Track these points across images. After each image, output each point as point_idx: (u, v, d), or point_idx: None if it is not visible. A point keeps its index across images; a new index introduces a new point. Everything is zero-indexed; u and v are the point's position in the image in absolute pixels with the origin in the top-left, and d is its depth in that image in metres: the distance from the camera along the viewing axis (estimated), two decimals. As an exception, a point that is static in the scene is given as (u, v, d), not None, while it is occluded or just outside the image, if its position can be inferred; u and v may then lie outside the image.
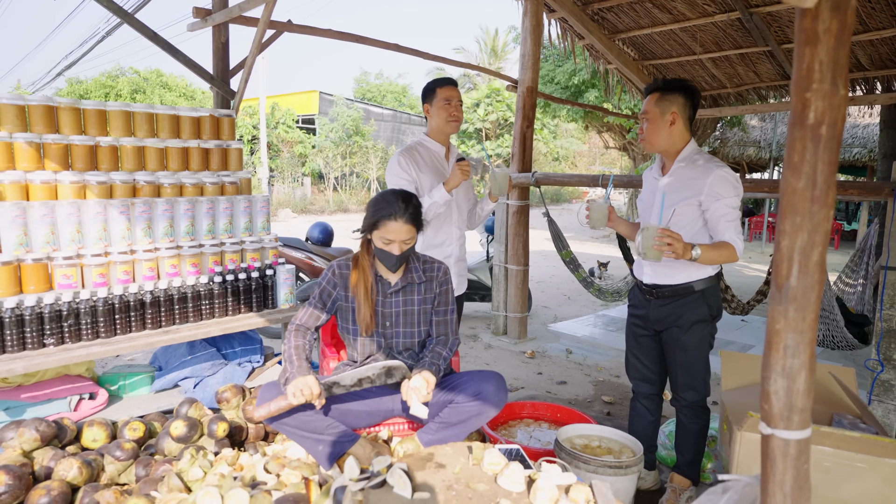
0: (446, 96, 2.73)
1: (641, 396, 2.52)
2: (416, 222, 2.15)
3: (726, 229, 2.13)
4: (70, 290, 2.50)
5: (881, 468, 1.81)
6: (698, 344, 2.27)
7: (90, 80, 20.07)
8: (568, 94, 11.44)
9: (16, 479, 1.90)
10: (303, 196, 20.56)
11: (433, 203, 2.62)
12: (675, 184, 2.25)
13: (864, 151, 12.23)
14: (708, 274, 2.25)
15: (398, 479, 1.69)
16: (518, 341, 4.98)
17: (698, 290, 2.24)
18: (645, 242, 2.04)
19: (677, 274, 2.25)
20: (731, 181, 2.16)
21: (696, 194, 2.18)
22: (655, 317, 2.33)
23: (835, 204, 1.35)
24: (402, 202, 2.12)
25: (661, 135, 2.25)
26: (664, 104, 2.23)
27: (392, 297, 2.27)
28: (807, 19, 1.02)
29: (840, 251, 12.56)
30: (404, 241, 2.13)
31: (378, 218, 2.11)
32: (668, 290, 2.28)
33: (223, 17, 3.11)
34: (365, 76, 33.70)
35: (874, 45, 4.94)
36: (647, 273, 2.34)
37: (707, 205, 2.16)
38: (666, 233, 1.99)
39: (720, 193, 2.14)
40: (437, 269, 2.34)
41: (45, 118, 2.61)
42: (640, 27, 5.53)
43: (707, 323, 2.28)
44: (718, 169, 2.16)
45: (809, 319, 1.11)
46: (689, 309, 2.25)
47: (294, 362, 2.07)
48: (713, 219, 2.17)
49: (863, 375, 3.27)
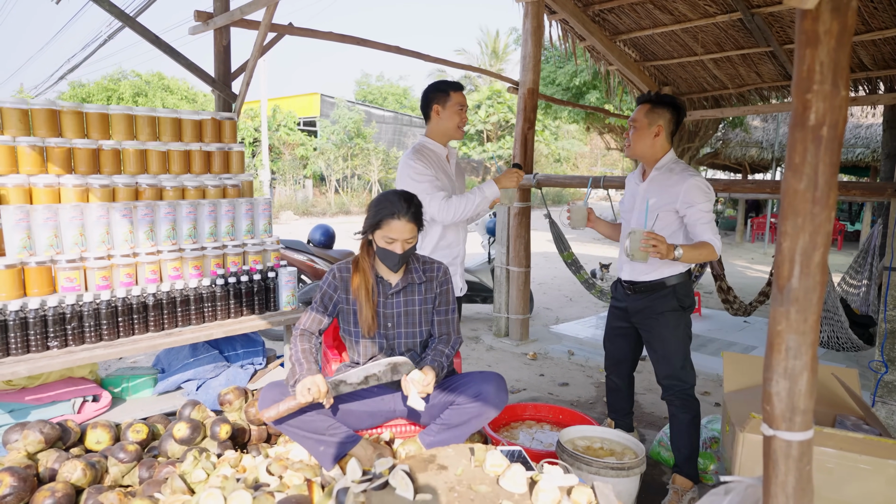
0: (461, 102, 2.71)
1: (613, 374, 2.80)
2: (417, 222, 2.16)
3: (704, 231, 2.33)
4: (73, 293, 2.50)
5: (885, 470, 1.80)
6: (673, 333, 2.47)
7: (92, 84, 20.12)
8: (569, 95, 11.44)
9: (20, 481, 1.91)
10: (304, 198, 20.59)
11: (483, 199, 2.63)
12: (653, 190, 2.47)
13: (867, 152, 12.20)
14: (679, 271, 2.47)
15: (400, 480, 1.69)
16: (520, 343, 4.98)
17: (670, 285, 2.47)
18: (633, 245, 2.22)
19: (653, 271, 2.48)
20: (703, 189, 2.36)
21: (673, 201, 2.39)
22: (633, 309, 2.57)
23: (837, 205, 1.35)
24: (405, 201, 2.13)
25: (645, 144, 2.47)
26: (653, 116, 2.44)
27: (393, 297, 2.27)
28: (807, 21, 1.02)
29: (843, 252, 12.53)
30: (406, 241, 2.14)
31: (381, 217, 2.12)
32: (644, 285, 2.51)
33: (225, 21, 3.12)
34: (366, 78, 33.76)
35: (877, 45, 4.93)
36: (625, 271, 2.58)
37: (683, 210, 2.38)
38: (651, 236, 2.17)
39: (694, 200, 2.34)
40: (437, 269, 2.34)
41: (48, 122, 2.62)
42: (641, 28, 5.53)
43: (678, 313, 2.48)
44: (692, 178, 2.37)
45: (811, 321, 1.11)
46: (661, 302, 2.48)
47: (303, 364, 2.08)
48: (691, 223, 2.37)
49: (866, 377, 3.26)
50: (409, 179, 2.62)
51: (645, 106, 2.46)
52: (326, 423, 2.12)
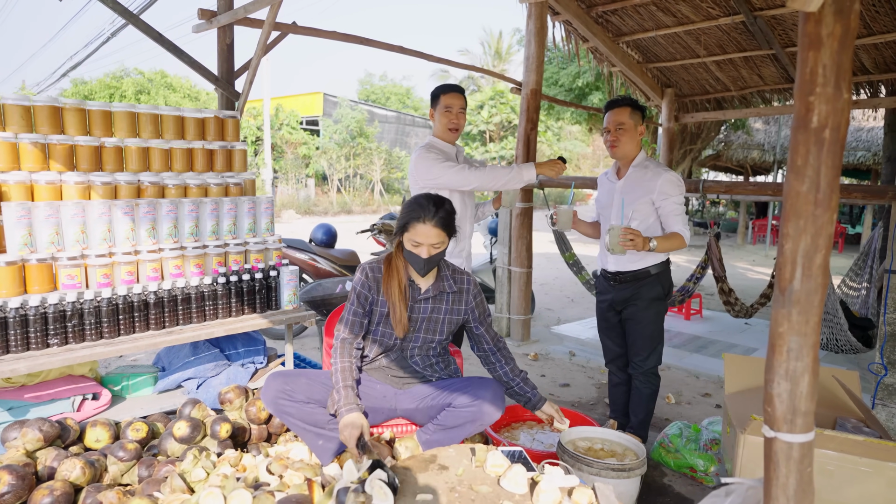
0: (447, 104, 2.79)
1: (611, 365, 2.97)
2: (446, 227, 2.11)
3: (675, 222, 2.60)
4: (74, 291, 2.50)
5: (885, 472, 1.80)
6: (655, 318, 2.72)
7: (95, 81, 20.14)
8: (572, 96, 11.43)
9: (19, 479, 1.90)
10: (306, 197, 20.60)
11: (517, 177, 2.74)
12: (630, 185, 2.69)
13: (868, 155, 12.19)
14: (660, 260, 2.71)
15: (378, 490, 1.64)
16: (521, 343, 4.98)
17: (654, 273, 2.70)
18: (612, 240, 2.47)
19: (638, 261, 2.69)
20: (676, 183, 2.62)
21: (649, 193, 2.62)
22: (619, 298, 2.77)
23: (838, 207, 1.35)
24: (434, 206, 2.10)
25: (633, 143, 2.69)
26: (636, 117, 2.67)
27: (421, 302, 2.25)
28: (810, 23, 1.02)
29: (844, 254, 12.52)
30: (433, 245, 2.10)
31: (408, 220, 2.10)
32: (630, 275, 2.72)
33: (228, 19, 3.12)
34: (369, 78, 33.81)
35: (878, 49, 4.93)
36: (611, 262, 2.77)
37: (658, 203, 2.62)
38: (628, 231, 2.42)
39: (668, 193, 2.60)
40: (468, 282, 2.33)
41: (51, 119, 2.62)
42: (644, 30, 5.53)
43: (661, 300, 2.73)
44: (666, 173, 2.62)
45: (813, 323, 1.11)
46: (647, 289, 2.70)
47: (341, 392, 2.07)
48: (664, 214, 2.62)
49: (866, 379, 3.26)
50: (426, 169, 2.71)
51: (627, 108, 2.66)
52: (327, 416, 2.12)
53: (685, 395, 3.86)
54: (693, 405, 3.68)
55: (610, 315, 2.86)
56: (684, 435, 2.79)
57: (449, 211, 2.14)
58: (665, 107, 6.59)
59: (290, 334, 3.07)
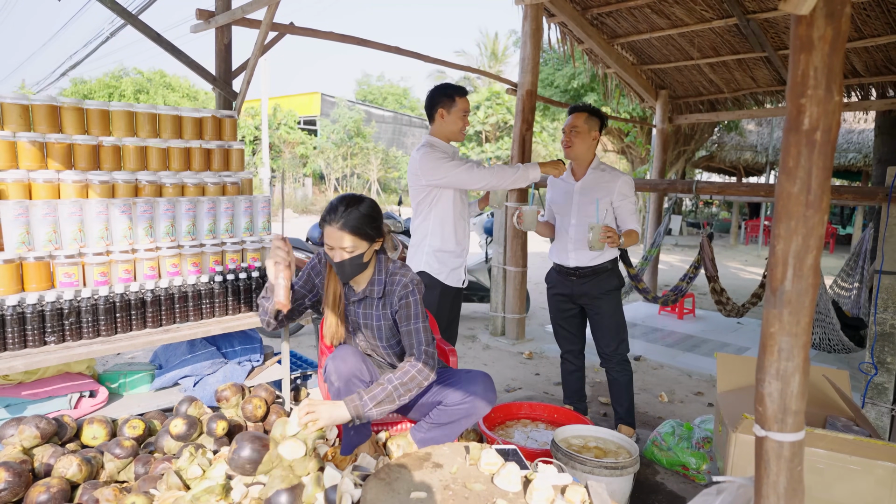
0: (465, 108, 2.84)
1: (568, 354, 3.16)
2: (358, 231, 1.97)
3: (632, 220, 2.87)
4: (72, 289, 2.51)
5: (874, 470, 1.83)
6: (616, 308, 2.94)
7: (94, 81, 20.05)
8: (567, 97, 11.46)
9: (15, 476, 1.91)
10: (304, 197, 20.57)
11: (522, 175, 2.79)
12: (589, 186, 2.90)
13: (859, 156, 12.28)
14: (614, 255, 2.96)
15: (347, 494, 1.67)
16: (516, 342, 5.00)
17: (609, 268, 2.94)
18: (594, 237, 2.66)
19: (597, 257, 2.90)
20: (631, 185, 2.89)
21: (609, 194, 2.86)
22: (579, 292, 2.96)
23: (830, 208, 1.37)
24: (345, 206, 1.98)
25: (585, 146, 2.88)
26: (591, 123, 2.86)
27: (354, 305, 2.24)
28: (802, 26, 1.04)
29: (835, 255, 12.60)
30: (344, 249, 1.98)
31: (321, 221, 2.04)
32: (589, 269, 2.92)
33: (226, 20, 3.13)
34: (367, 78, 33.80)
35: (869, 52, 4.97)
36: (572, 258, 2.94)
37: (617, 203, 2.86)
38: (608, 228, 2.64)
39: (626, 194, 2.87)
40: (398, 283, 2.14)
41: (49, 118, 2.62)
42: (638, 32, 5.56)
43: (618, 290, 2.96)
44: (623, 176, 2.89)
45: (804, 323, 1.13)
46: (606, 282, 2.92)
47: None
48: (622, 213, 2.88)
49: (857, 378, 3.29)
50: (434, 161, 2.72)
51: (584, 114, 2.86)
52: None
53: (678, 393, 3.89)
54: (685, 404, 3.71)
55: (568, 307, 3.06)
56: (677, 433, 2.82)
57: (364, 213, 1.99)
58: (659, 108, 6.62)
59: (286, 332, 3.08)
